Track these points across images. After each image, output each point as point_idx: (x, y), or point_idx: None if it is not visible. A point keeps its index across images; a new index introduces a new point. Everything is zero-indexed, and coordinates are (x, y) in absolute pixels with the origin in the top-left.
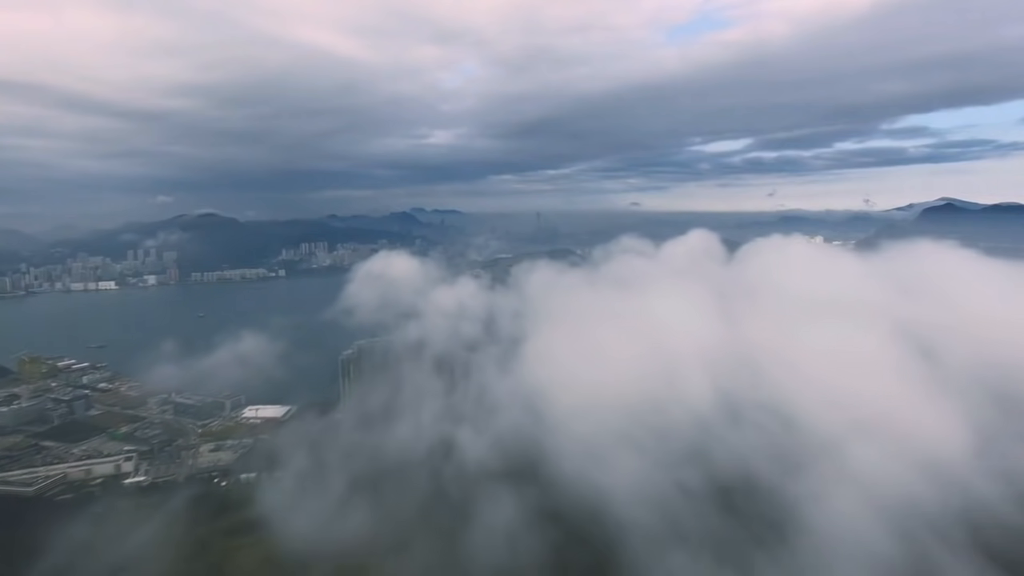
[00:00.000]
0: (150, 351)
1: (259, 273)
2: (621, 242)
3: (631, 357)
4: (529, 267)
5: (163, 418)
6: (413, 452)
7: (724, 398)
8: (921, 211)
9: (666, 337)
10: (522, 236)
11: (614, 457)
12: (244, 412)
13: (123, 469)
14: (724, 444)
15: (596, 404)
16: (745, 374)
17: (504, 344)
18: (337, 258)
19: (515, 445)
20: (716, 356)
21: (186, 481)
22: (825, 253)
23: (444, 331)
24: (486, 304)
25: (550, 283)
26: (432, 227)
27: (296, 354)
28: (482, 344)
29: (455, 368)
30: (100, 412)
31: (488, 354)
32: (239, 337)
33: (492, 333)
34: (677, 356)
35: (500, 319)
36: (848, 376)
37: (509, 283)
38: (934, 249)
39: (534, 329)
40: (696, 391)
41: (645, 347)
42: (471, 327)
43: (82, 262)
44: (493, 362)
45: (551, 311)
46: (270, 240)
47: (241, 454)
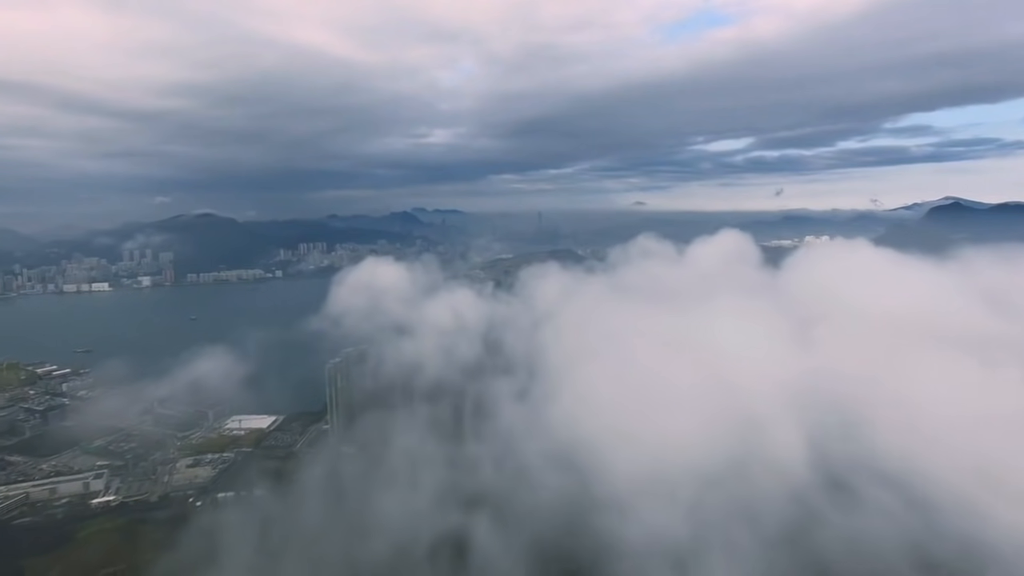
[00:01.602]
0: (136, 356)
1: (256, 274)
2: (638, 244)
3: (694, 398)
4: (537, 271)
5: (142, 429)
6: (408, 535)
7: (824, 460)
8: (928, 210)
9: (733, 370)
10: (524, 236)
11: (690, 551)
12: (228, 423)
13: (92, 487)
14: (832, 529)
15: (659, 469)
16: (846, 424)
17: (519, 374)
18: (336, 259)
19: (551, 534)
20: (804, 398)
21: (159, 501)
22: (890, 259)
23: (441, 356)
24: (490, 318)
25: (565, 292)
26: (433, 227)
27: (285, 360)
28: (490, 374)
29: (458, 407)
30: (76, 423)
31: (500, 389)
32: (228, 342)
33: (502, 359)
34: (753, 397)
35: (511, 340)
36: (986, 426)
37: (516, 290)
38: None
39: (557, 355)
40: (787, 449)
41: (708, 384)
42: (473, 349)
43: (77, 263)
44: (509, 401)
45: (574, 330)
46: (268, 241)
47: (221, 470)
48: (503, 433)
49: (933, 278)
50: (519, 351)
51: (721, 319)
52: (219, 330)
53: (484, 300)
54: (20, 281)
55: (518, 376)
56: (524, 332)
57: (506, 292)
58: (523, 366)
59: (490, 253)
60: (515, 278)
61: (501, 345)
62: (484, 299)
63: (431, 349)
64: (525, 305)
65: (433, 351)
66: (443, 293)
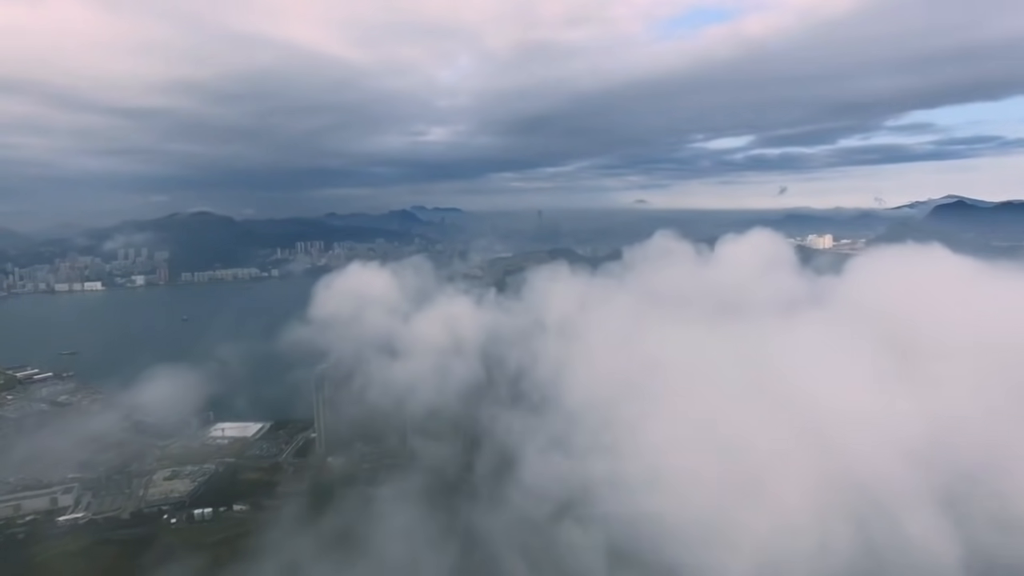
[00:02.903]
0: (123, 359)
1: (251, 273)
2: (654, 243)
3: (785, 459)
4: (544, 274)
5: (120, 438)
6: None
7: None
8: (931, 209)
9: (827, 417)
10: (523, 234)
11: None
12: (211, 431)
13: (60, 503)
14: None
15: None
16: (1001, 508)
17: (536, 410)
18: (333, 257)
19: None
20: (931, 459)
21: (131, 518)
22: (979, 270)
23: (436, 379)
24: (494, 333)
25: (581, 301)
26: (432, 225)
27: (274, 365)
28: (498, 408)
29: (461, 451)
30: (52, 431)
31: (513, 429)
32: (218, 345)
33: (511, 387)
34: (865, 461)
35: (520, 362)
36: None
37: (521, 296)
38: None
39: (585, 386)
40: (933, 544)
41: (800, 438)
42: (474, 374)
43: (71, 262)
44: (527, 448)
45: (602, 352)
46: (265, 239)
47: (199, 483)
48: (519, 501)
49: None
50: (533, 378)
51: (791, 344)
52: (210, 332)
53: (485, 309)
54: (12, 280)
55: (535, 412)
56: (537, 352)
57: (510, 298)
58: (539, 398)
59: (490, 252)
60: (517, 279)
61: (509, 369)
62: (485, 307)
63: (425, 371)
64: (534, 315)
65: (427, 374)
66: (439, 300)
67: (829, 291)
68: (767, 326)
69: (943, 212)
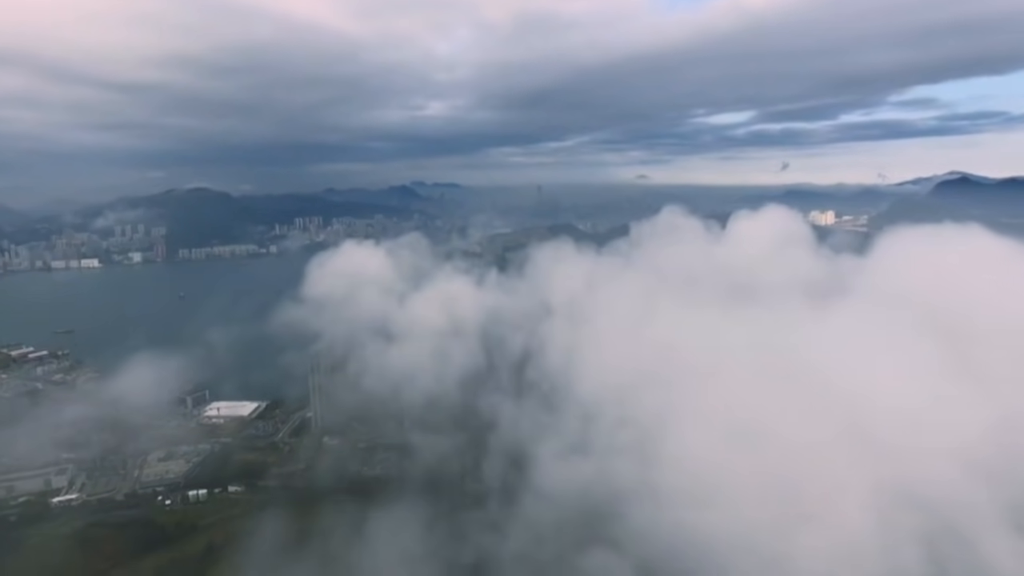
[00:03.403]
0: (119, 337)
1: (249, 250)
2: (661, 219)
3: (846, 473)
4: (548, 252)
5: (115, 417)
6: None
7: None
8: (935, 185)
9: (884, 421)
10: (523, 210)
11: None
12: (207, 410)
13: (54, 484)
14: None
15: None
16: None
17: (545, 403)
18: (332, 234)
19: None
20: (1012, 475)
21: (125, 499)
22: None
23: (435, 365)
24: (496, 315)
25: (589, 281)
26: (431, 201)
27: (272, 342)
28: (502, 398)
29: (465, 444)
30: (46, 411)
31: (518, 416)
32: (214, 322)
33: (517, 376)
34: (938, 475)
35: (526, 349)
36: None
37: (524, 274)
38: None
39: (601, 377)
40: None
41: (856, 448)
42: (476, 361)
43: (67, 239)
44: (538, 447)
45: (617, 339)
46: (263, 215)
47: (194, 464)
48: (534, 508)
49: None
50: (538, 365)
51: (825, 332)
52: (206, 309)
53: (486, 289)
54: (8, 257)
55: (541, 402)
56: (542, 335)
57: (512, 277)
58: (545, 387)
59: (489, 228)
60: (518, 256)
61: (512, 353)
62: (486, 287)
63: (423, 354)
64: (538, 296)
65: (425, 356)
66: (438, 278)
67: (856, 272)
68: (795, 311)
69: (946, 188)
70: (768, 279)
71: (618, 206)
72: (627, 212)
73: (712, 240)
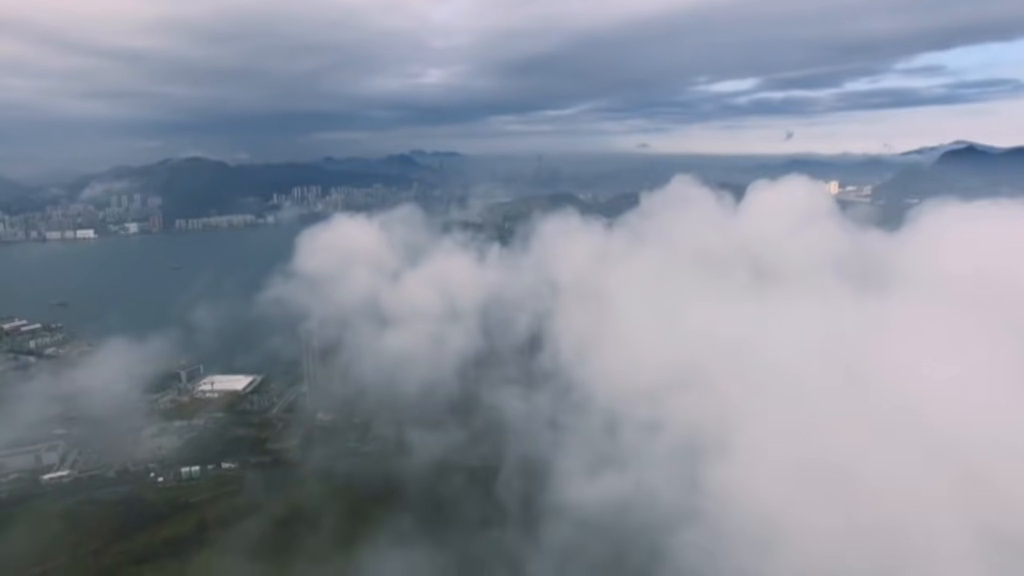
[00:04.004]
0: (114, 309)
1: (246, 220)
2: (672, 189)
3: (916, 493)
4: (553, 224)
5: (108, 392)
6: None
7: None
8: (940, 155)
9: (960, 428)
10: (523, 179)
11: None
12: (201, 384)
13: (45, 461)
14: None
15: None
16: None
17: (562, 396)
18: (330, 203)
19: None
20: None
21: (116, 476)
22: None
23: (433, 340)
24: (498, 295)
25: (600, 256)
26: (430, 170)
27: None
28: (504, 380)
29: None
30: (38, 385)
31: (520, 404)
32: (210, 294)
33: (521, 360)
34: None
35: (532, 331)
36: None
37: (528, 249)
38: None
39: (612, 364)
40: None
41: (927, 459)
42: (476, 345)
43: (62, 209)
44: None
45: (628, 319)
46: (261, 185)
47: (187, 440)
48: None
49: None
50: (546, 351)
51: (877, 322)
52: (202, 281)
53: (488, 265)
54: (2, 228)
55: (551, 393)
56: (548, 316)
57: (515, 251)
58: (555, 378)
59: (489, 197)
60: (522, 227)
61: (515, 337)
62: (488, 263)
63: (419, 332)
64: (544, 273)
65: (422, 335)
66: (436, 253)
67: (896, 252)
68: (841, 300)
69: (952, 158)
70: (800, 259)
71: (618, 175)
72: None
73: (729, 213)
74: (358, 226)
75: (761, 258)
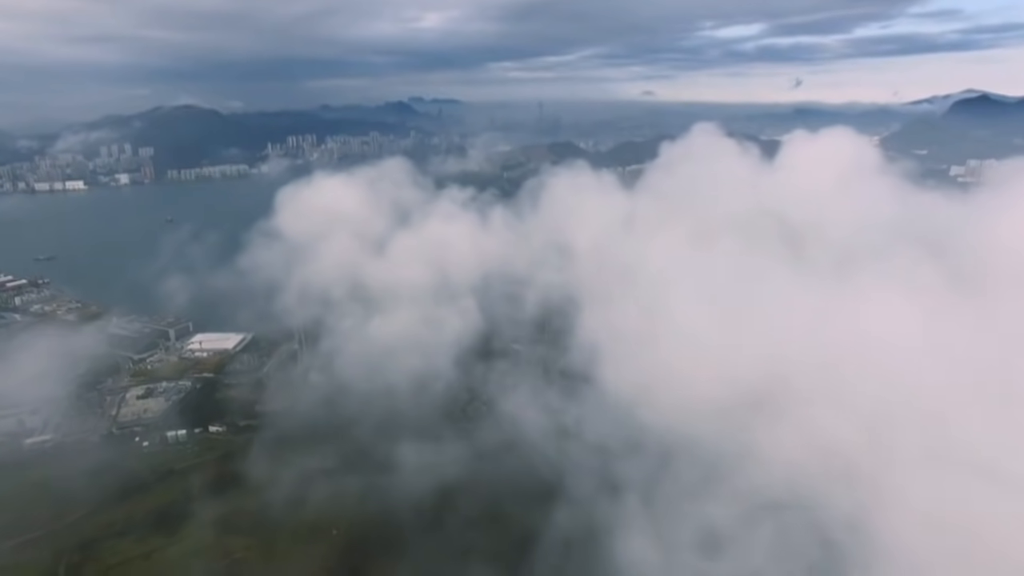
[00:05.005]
0: (103, 264)
1: (240, 170)
2: (692, 140)
3: None
4: (562, 179)
5: (94, 351)
6: None
7: None
8: (951, 104)
9: None
10: (523, 127)
11: None
12: (190, 343)
13: (27, 424)
14: None
15: None
16: None
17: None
18: (326, 152)
19: None
20: None
21: (101, 441)
22: None
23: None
24: (503, 264)
25: (618, 218)
26: (429, 117)
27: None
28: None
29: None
30: (22, 343)
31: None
32: (202, 247)
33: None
34: None
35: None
36: None
37: (537, 208)
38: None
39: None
40: None
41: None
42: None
43: (51, 160)
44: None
45: (669, 296)
46: (255, 133)
47: (175, 402)
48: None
49: None
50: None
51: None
52: (195, 234)
53: (491, 227)
54: None
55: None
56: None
57: (521, 210)
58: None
59: (488, 146)
60: (522, 175)
61: (524, 313)
62: (490, 224)
63: (412, 291)
64: (555, 236)
65: (415, 294)
66: (433, 210)
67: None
68: (927, 281)
69: (964, 107)
70: (858, 229)
71: (621, 124)
72: (631, 130)
73: (762, 169)
74: (347, 183)
75: (811, 227)
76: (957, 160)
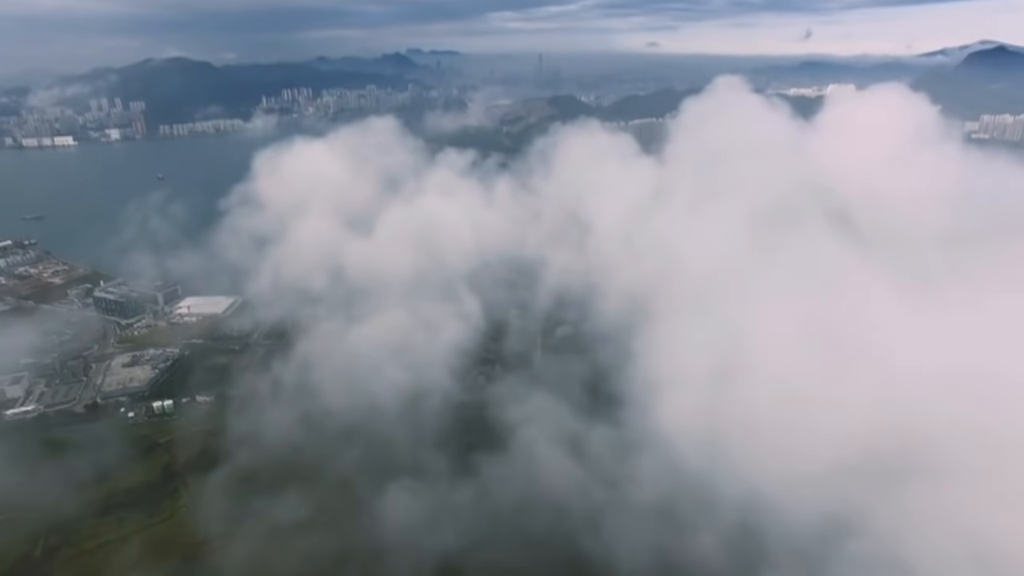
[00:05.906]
0: (91, 224)
1: (234, 124)
2: (715, 96)
3: None
4: (571, 140)
5: (80, 316)
6: None
7: None
8: (966, 56)
9: None
10: (523, 80)
11: None
12: (179, 307)
13: (9, 394)
14: None
15: None
16: None
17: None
18: (322, 106)
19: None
20: None
21: (85, 411)
22: None
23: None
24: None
25: (644, 187)
26: (427, 70)
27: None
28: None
29: None
30: (8, 308)
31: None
32: (193, 207)
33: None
34: None
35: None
36: None
37: (547, 172)
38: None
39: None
40: None
41: None
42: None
43: (39, 114)
44: None
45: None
46: (249, 87)
47: (161, 370)
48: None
49: None
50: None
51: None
52: (186, 192)
53: (491, 196)
54: None
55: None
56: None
57: (527, 173)
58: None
59: (488, 99)
60: (525, 128)
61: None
62: (491, 192)
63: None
64: (566, 208)
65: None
66: (429, 177)
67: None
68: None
69: (979, 59)
70: (951, 212)
71: (624, 78)
72: (633, 83)
73: (804, 133)
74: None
75: (881, 209)
76: (971, 115)
